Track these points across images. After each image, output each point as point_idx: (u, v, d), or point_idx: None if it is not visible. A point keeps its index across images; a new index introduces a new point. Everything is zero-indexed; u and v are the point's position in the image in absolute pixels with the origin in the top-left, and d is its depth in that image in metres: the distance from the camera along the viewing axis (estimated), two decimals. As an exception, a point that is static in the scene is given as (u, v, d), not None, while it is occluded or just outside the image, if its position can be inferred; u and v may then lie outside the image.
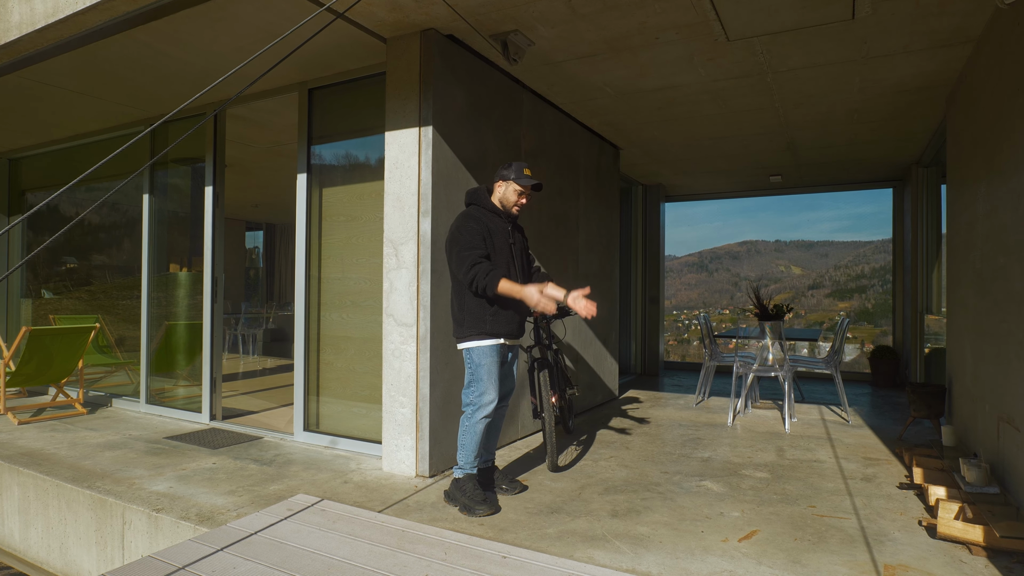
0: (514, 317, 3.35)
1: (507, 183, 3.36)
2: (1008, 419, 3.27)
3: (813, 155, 7.05)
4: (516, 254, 3.44)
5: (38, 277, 7.04)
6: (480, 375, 3.26)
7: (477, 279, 3.16)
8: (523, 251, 3.55)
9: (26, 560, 3.86)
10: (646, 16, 3.62)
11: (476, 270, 3.17)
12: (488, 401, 3.24)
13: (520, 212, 3.46)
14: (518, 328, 3.40)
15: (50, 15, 3.71)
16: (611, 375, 6.60)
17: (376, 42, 3.92)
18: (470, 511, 3.21)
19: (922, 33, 3.83)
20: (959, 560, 2.70)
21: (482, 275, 3.16)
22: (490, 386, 3.25)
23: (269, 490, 3.57)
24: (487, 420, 3.28)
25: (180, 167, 5.64)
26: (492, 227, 3.34)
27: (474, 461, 3.34)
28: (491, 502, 3.26)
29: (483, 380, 3.25)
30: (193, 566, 2.55)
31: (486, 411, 3.25)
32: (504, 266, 3.32)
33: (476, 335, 3.26)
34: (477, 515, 3.19)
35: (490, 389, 3.25)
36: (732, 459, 4.28)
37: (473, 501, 3.23)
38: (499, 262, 3.31)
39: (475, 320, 3.26)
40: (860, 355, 14.14)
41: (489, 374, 3.25)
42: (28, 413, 5.58)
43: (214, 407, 5.23)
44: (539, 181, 3.42)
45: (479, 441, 3.30)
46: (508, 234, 3.40)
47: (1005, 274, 3.35)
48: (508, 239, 3.39)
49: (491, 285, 3.15)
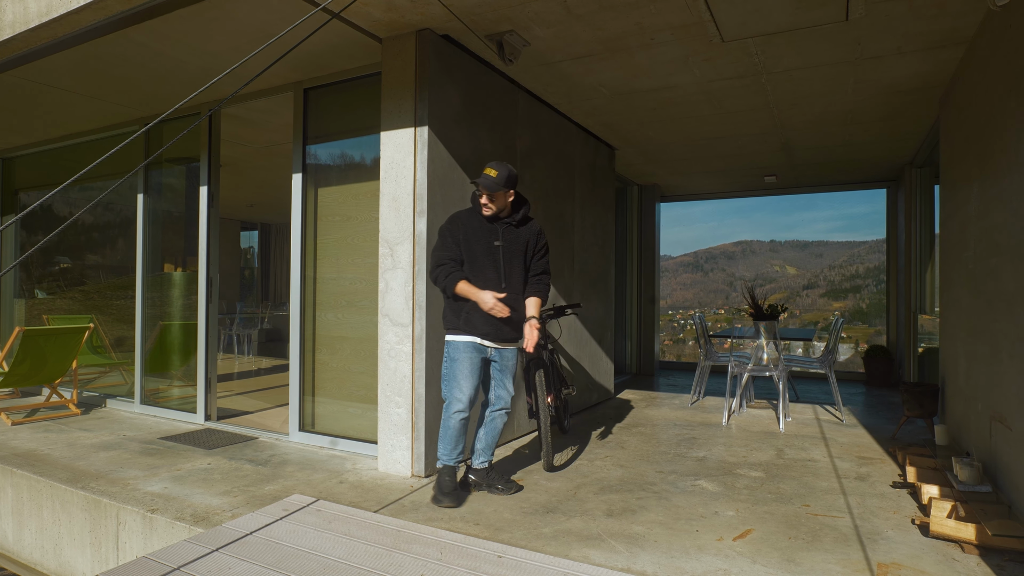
0: (492, 318, 3.34)
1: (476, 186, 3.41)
2: (1000, 418, 3.29)
3: (808, 155, 7.08)
4: (506, 257, 3.40)
5: (31, 277, 7.00)
6: (450, 371, 3.37)
7: (438, 280, 3.37)
8: (520, 254, 3.46)
9: (20, 561, 3.84)
10: (641, 17, 3.63)
11: (438, 271, 3.36)
12: (457, 398, 3.33)
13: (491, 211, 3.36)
14: (497, 330, 3.37)
15: (44, 14, 3.69)
16: (607, 375, 6.61)
17: (372, 42, 3.92)
18: (436, 500, 3.33)
19: (915, 35, 3.85)
20: (952, 558, 2.72)
21: (442, 276, 3.34)
22: (460, 383, 3.34)
23: (264, 490, 3.57)
24: (462, 418, 3.36)
25: (174, 166, 5.62)
26: (472, 228, 3.38)
27: (453, 455, 3.40)
28: (455, 496, 3.33)
29: (453, 376, 3.35)
30: (188, 566, 2.54)
31: (456, 407, 3.34)
32: (477, 268, 3.35)
33: (451, 329, 3.40)
34: (440, 504, 3.31)
35: (459, 386, 3.33)
36: (727, 458, 4.30)
37: (440, 491, 3.34)
38: (473, 264, 3.36)
39: (452, 314, 3.40)
40: (854, 355, 14.17)
41: (461, 371, 3.33)
42: (22, 414, 5.55)
43: (209, 407, 5.21)
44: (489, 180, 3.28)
45: (454, 436, 3.38)
46: (496, 235, 3.39)
47: (997, 274, 3.38)
48: (493, 241, 3.38)
49: (448, 286, 3.34)
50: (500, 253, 3.40)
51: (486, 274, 3.37)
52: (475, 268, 3.37)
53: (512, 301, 3.40)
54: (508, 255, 3.42)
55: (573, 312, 5.53)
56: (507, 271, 3.41)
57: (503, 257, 3.41)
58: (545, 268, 3.58)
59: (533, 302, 3.48)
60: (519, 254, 3.47)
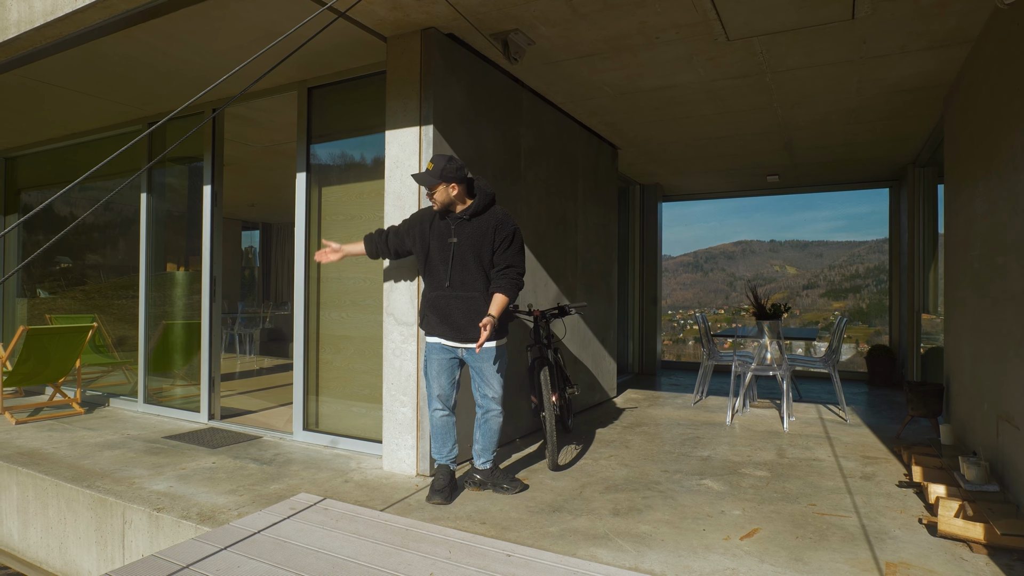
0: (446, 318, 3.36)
1: None
2: (1008, 417, 3.29)
3: (810, 155, 7.08)
4: (456, 253, 3.34)
5: (33, 277, 7.00)
6: (425, 369, 3.50)
7: None
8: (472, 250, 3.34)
9: (25, 560, 3.83)
10: (646, 15, 3.63)
11: None
12: (432, 396, 3.46)
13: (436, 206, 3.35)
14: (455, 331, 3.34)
15: (49, 13, 3.68)
16: (609, 374, 6.61)
17: (376, 41, 3.92)
18: (428, 497, 3.38)
19: (921, 33, 3.85)
20: (960, 558, 2.71)
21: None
22: (430, 382, 3.47)
23: (270, 489, 3.56)
24: (441, 415, 3.47)
25: (177, 166, 5.62)
26: (433, 225, 3.43)
27: (442, 452, 3.46)
28: (443, 494, 3.36)
29: (425, 375, 3.50)
30: (197, 565, 2.54)
31: (434, 405, 3.45)
32: (431, 266, 3.42)
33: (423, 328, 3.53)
34: (430, 501, 3.35)
35: (430, 385, 3.47)
36: (732, 458, 4.29)
37: (431, 488, 3.41)
38: (429, 262, 3.44)
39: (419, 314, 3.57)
40: (855, 355, 14.18)
41: (430, 370, 3.46)
42: (25, 413, 5.55)
43: (213, 406, 5.21)
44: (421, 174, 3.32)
45: (439, 434, 3.48)
46: (450, 232, 3.36)
47: (1003, 273, 3.38)
48: (448, 238, 3.37)
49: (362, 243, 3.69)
50: (452, 249, 3.34)
51: (438, 272, 3.39)
52: (430, 266, 3.43)
53: (468, 301, 3.32)
54: (458, 251, 3.34)
55: (578, 312, 5.53)
56: (453, 268, 3.33)
57: (453, 254, 3.34)
58: (511, 261, 3.36)
59: (495, 300, 3.29)
60: (470, 249, 3.34)
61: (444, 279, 3.36)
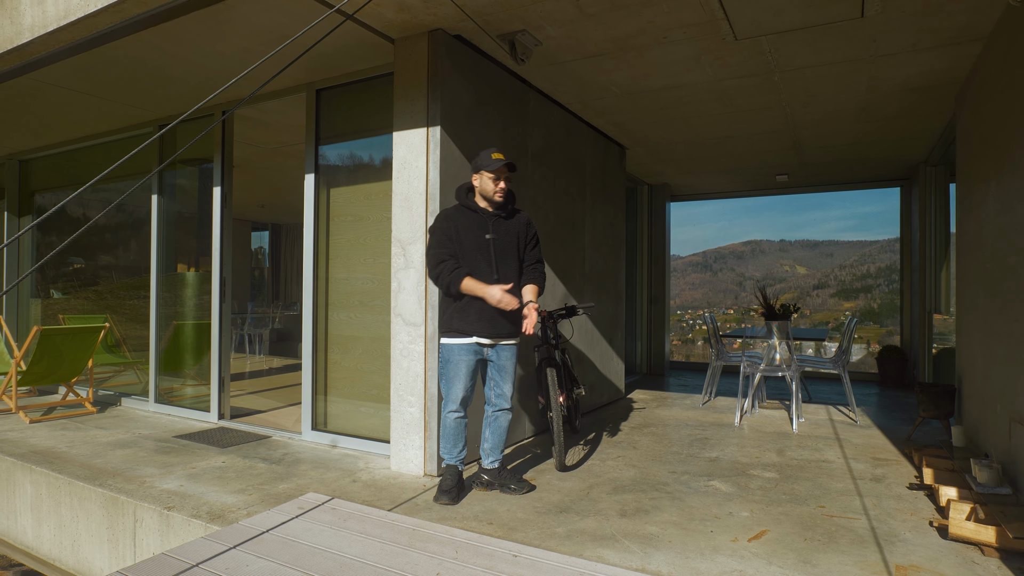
0: (485, 313, 3.33)
1: (480, 174, 3.39)
2: (1020, 419, 3.25)
3: (820, 154, 7.03)
4: (498, 250, 3.39)
5: (47, 277, 7.08)
6: (446, 373, 3.40)
7: (441, 277, 3.31)
8: (512, 246, 3.45)
9: (38, 557, 3.88)
10: (654, 15, 3.62)
11: (440, 268, 3.30)
12: (454, 399, 3.37)
13: (504, 199, 3.41)
14: (491, 325, 3.35)
15: (62, 18, 3.73)
16: (617, 375, 6.60)
17: (384, 43, 3.94)
18: (436, 497, 3.37)
19: (931, 31, 3.82)
20: (971, 561, 2.69)
21: (446, 273, 3.29)
22: (455, 385, 3.37)
23: (278, 489, 3.59)
24: (456, 417, 3.40)
25: (187, 167, 5.67)
26: (463, 224, 3.37)
27: (452, 453, 3.44)
28: (451, 494, 3.36)
29: (448, 378, 3.38)
30: (206, 563, 2.56)
31: (450, 407, 3.39)
32: (468, 263, 3.34)
33: (445, 332, 3.41)
34: (438, 502, 3.34)
35: (455, 388, 3.37)
36: (740, 459, 4.27)
37: (439, 489, 3.39)
38: (465, 259, 3.34)
39: (445, 317, 3.42)
40: (867, 355, 14.06)
41: (456, 373, 3.36)
42: (39, 412, 5.62)
43: (222, 406, 5.25)
44: (509, 160, 3.38)
45: (451, 435, 3.43)
46: (487, 229, 3.38)
47: (1016, 273, 3.34)
48: (485, 234, 3.37)
49: (454, 283, 3.29)
50: (492, 246, 3.38)
51: (479, 268, 3.36)
52: (467, 263, 3.37)
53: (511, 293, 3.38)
54: (499, 247, 3.40)
55: (586, 312, 5.52)
56: (499, 263, 3.39)
57: (494, 250, 3.38)
58: (539, 257, 3.58)
59: (531, 289, 3.46)
60: (511, 246, 3.45)
61: (491, 273, 3.36)
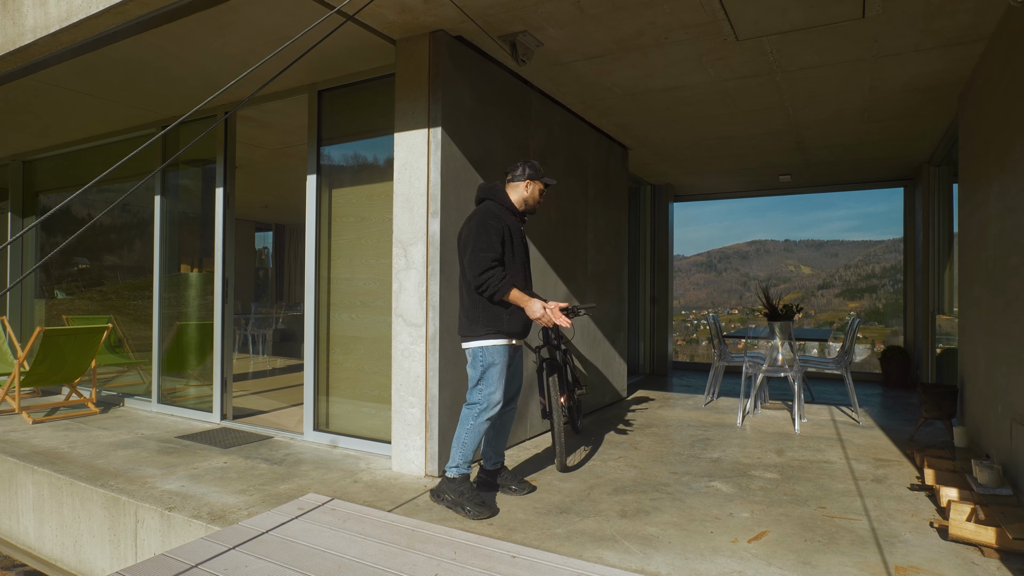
0: (524, 317, 3.32)
1: (533, 183, 3.38)
2: (1022, 420, 3.24)
3: (823, 154, 7.01)
4: (526, 256, 3.44)
5: (51, 278, 7.11)
6: (492, 375, 3.21)
7: (489, 284, 3.14)
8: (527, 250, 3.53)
9: (40, 557, 3.90)
10: (655, 16, 3.62)
11: (489, 275, 3.13)
12: (496, 402, 3.22)
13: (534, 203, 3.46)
14: (526, 328, 3.38)
15: (64, 19, 3.75)
16: (619, 375, 6.59)
17: (385, 44, 3.94)
18: (463, 509, 3.16)
19: (933, 31, 3.80)
20: (971, 562, 2.68)
21: (495, 281, 3.13)
22: (500, 387, 3.23)
23: (280, 489, 3.60)
24: (492, 421, 3.28)
25: (190, 168, 5.69)
26: (511, 227, 3.29)
27: (476, 455, 3.38)
28: (489, 505, 3.23)
29: (494, 380, 3.21)
30: (205, 564, 2.57)
31: (492, 412, 3.22)
32: (520, 269, 3.32)
33: (491, 334, 3.21)
34: (469, 516, 3.13)
35: (499, 390, 3.22)
36: (741, 460, 4.27)
37: (471, 502, 3.17)
38: (515, 265, 3.29)
39: (492, 319, 3.21)
40: (870, 355, 14.02)
41: (500, 374, 3.22)
42: (42, 412, 5.64)
43: (225, 407, 5.26)
44: None
45: (481, 441, 3.32)
46: (522, 235, 3.40)
47: (1019, 273, 3.33)
48: (523, 241, 3.39)
49: (501, 292, 3.14)
50: (527, 254, 3.43)
51: (516, 274, 3.29)
52: (513, 269, 3.28)
53: None
54: (526, 254, 3.46)
55: (588, 313, 5.52)
56: (526, 270, 3.43)
57: (526, 257, 3.43)
58: None
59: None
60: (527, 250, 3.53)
61: (524, 280, 3.36)
